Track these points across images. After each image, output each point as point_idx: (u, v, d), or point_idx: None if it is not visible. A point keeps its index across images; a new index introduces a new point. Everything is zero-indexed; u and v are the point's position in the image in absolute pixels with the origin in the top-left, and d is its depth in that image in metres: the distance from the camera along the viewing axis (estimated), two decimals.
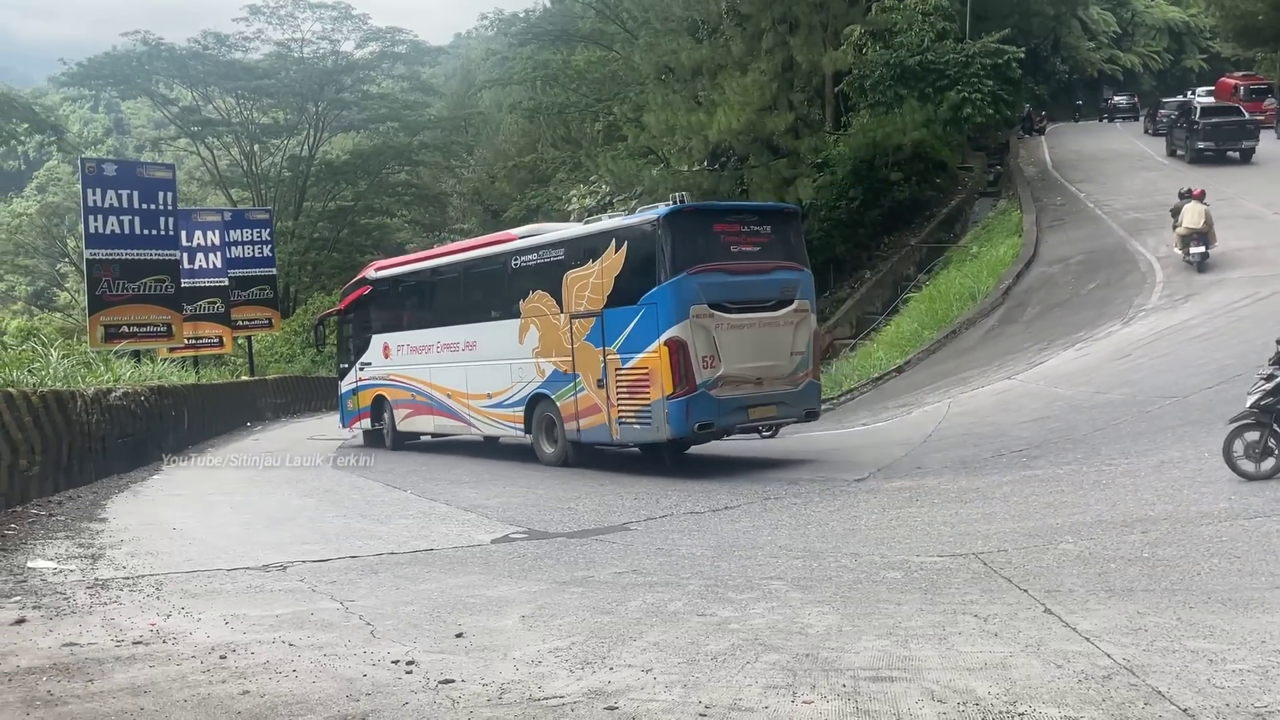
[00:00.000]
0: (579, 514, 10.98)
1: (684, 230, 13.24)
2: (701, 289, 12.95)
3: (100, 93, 73.92)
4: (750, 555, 8.36)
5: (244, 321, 33.16)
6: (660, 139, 32.93)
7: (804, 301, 13.85)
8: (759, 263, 13.58)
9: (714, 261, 13.16)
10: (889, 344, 24.93)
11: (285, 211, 61.86)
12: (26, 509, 11.52)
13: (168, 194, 24.46)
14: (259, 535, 10.28)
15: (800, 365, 13.86)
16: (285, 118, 64.44)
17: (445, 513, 11.47)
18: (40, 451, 12.35)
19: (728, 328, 13.08)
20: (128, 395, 15.78)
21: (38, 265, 69.84)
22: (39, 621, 6.71)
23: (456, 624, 6.48)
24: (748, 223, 13.96)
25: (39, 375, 14.68)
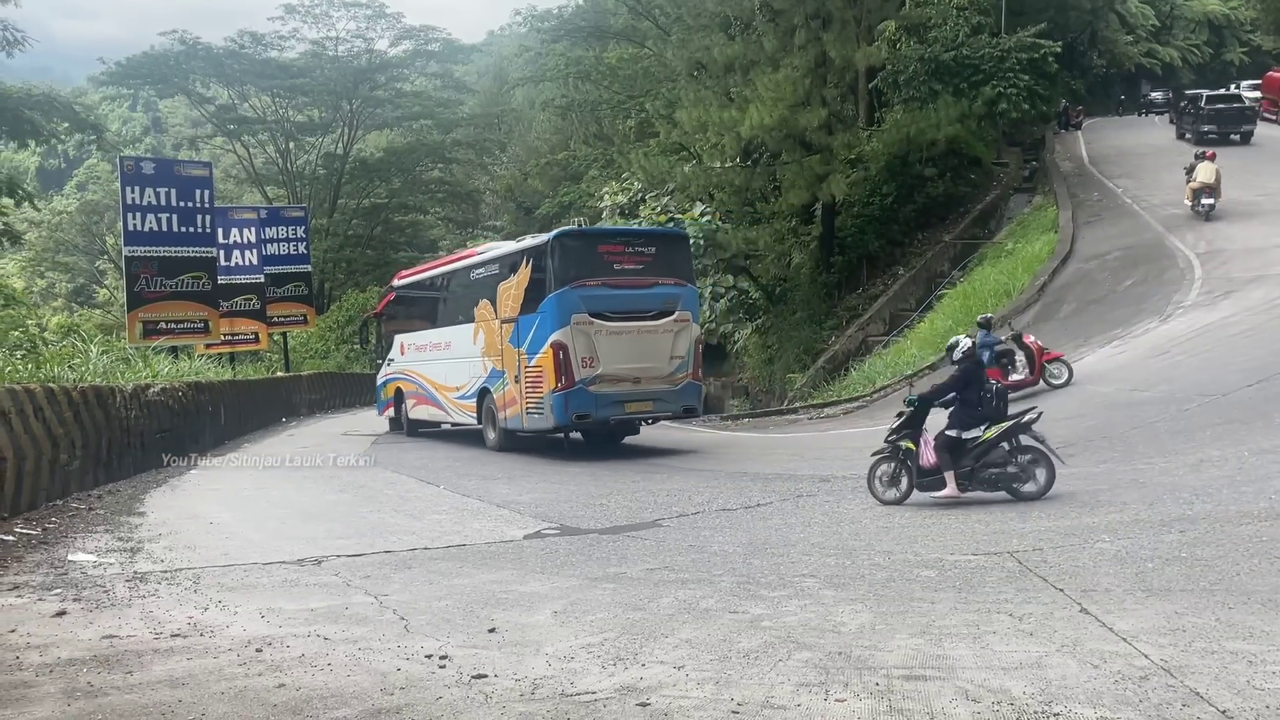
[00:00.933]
0: (610, 510, 11.00)
1: (569, 250, 15.60)
2: (583, 300, 15.29)
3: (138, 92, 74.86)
4: (782, 553, 8.34)
5: (279, 318, 33.46)
6: (692, 135, 32.86)
7: (685, 313, 16.01)
8: (641, 279, 15.75)
9: (596, 277, 15.41)
10: (922, 341, 24.76)
11: (320, 209, 62.41)
12: (67, 503, 11.70)
13: (205, 192, 24.72)
14: (294, 530, 10.39)
15: (680, 368, 15.97)
16: (320, 115, 64.97)
17: (478, 508, 11.53)
18: (80, 446, 12.53)
19: (606, 333, 15.37)
20: (165, 391, 15.98)
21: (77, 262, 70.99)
22: (79, 614, 6.82)
23: (489, 619, 6.52)
24: (633, 244, 16.22)
25: (79, 371, 14.90)
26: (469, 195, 69.62)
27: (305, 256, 34.62)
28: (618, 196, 42.88)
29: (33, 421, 11.08)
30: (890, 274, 31.33)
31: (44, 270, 71.73)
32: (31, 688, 5.29)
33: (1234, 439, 10.81)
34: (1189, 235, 23.83)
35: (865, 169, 32.13)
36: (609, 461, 16.18)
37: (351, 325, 48.31)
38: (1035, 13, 37.05)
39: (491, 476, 14.52)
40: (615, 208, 43.38)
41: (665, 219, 34.20)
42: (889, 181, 32.41)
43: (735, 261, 33.68)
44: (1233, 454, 10.27)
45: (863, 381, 24.27)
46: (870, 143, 31.89)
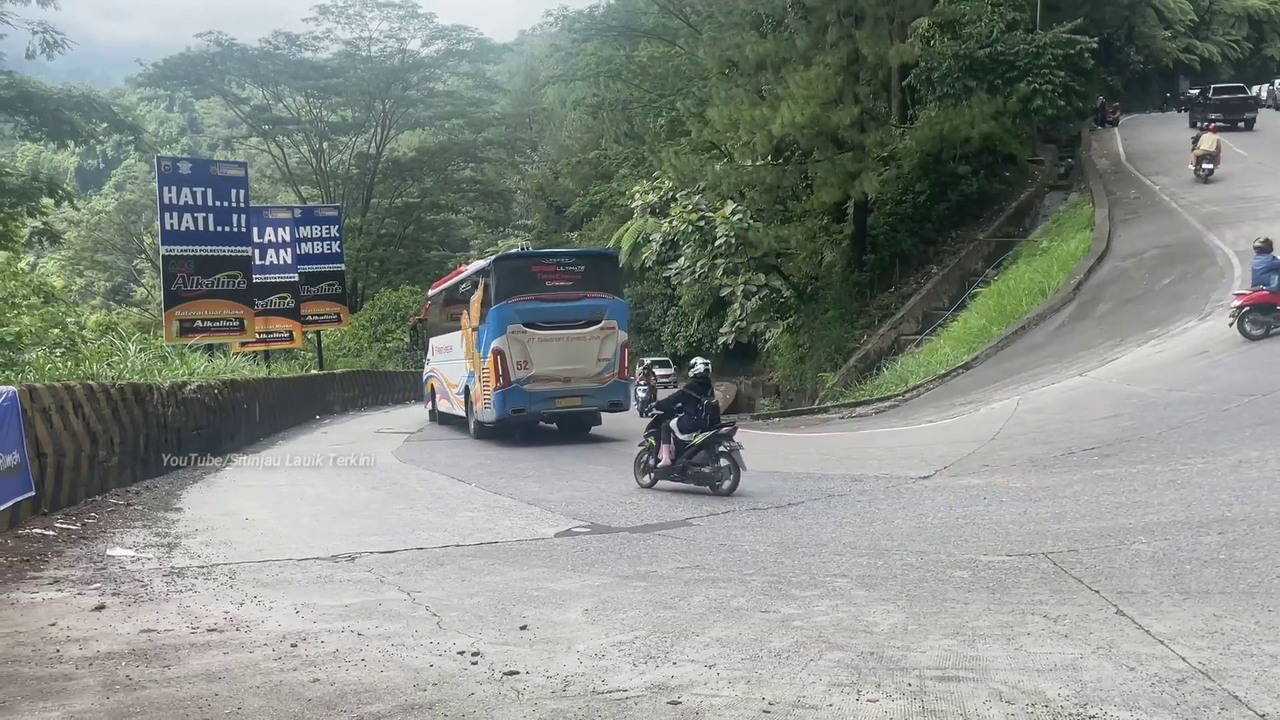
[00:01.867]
0: (641, 509, 11.02)
1: (506, 271, 18.54)
2: (517, 313, 18.00)
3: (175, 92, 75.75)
4: (814, 552, 8.31)
5: (313, 316, 33.74)
6: (724, 134, 32.82)
7: (611, 321, 18.52)
8: (571, 293, 18.42)
9: (529, 293, 18.12)
10: (956, 340, 24.59)
11: (353, 208, 62.92)
12: (106, 499, 11.87)
13: (240, 191, 24.96)
14: (328, 526, 10.48)
15: (606, 369, 18.52)
16: (353, 115, 65.48)
17: (509, 506, 11.58)
18: (119, 443, 12.71)
19: (538, 340, 18.03)
20: (202, 388, 16.17)
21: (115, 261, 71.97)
22: (118, 608, 6.92)
23: (521, 616, 6.55)
24: (563, 264, 18.91)
25: (117, 369, 15.11)
26: (500, 194, 69.96)
27: (339, 255, 34.89)
28: (648, 195, 42.88)
29: (72, 418, 11.26)
30: (923, 272, 31.13)
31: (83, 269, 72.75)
32: (71, 680, 5.38)
33: (1274, 439, 10.65)
34: (1228, 233, 23.49)
35: (898, 167, 31.95)
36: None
37: (384, 324, 48.72)
38: (1071, 8, 36.69)
39: (522, 475, 14.58)
40: (646, 206, 43.40)
41: (696, 217, 34.17)
42: (922, 179, 32.20)
43: (766, 260, 33.62)
44: (1273, 454, 10.12)
45: (895, 381, 24.14)
46: (903, 140, 31.70)
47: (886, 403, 22.54)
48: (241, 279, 24.70)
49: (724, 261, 34.07)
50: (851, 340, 30.40)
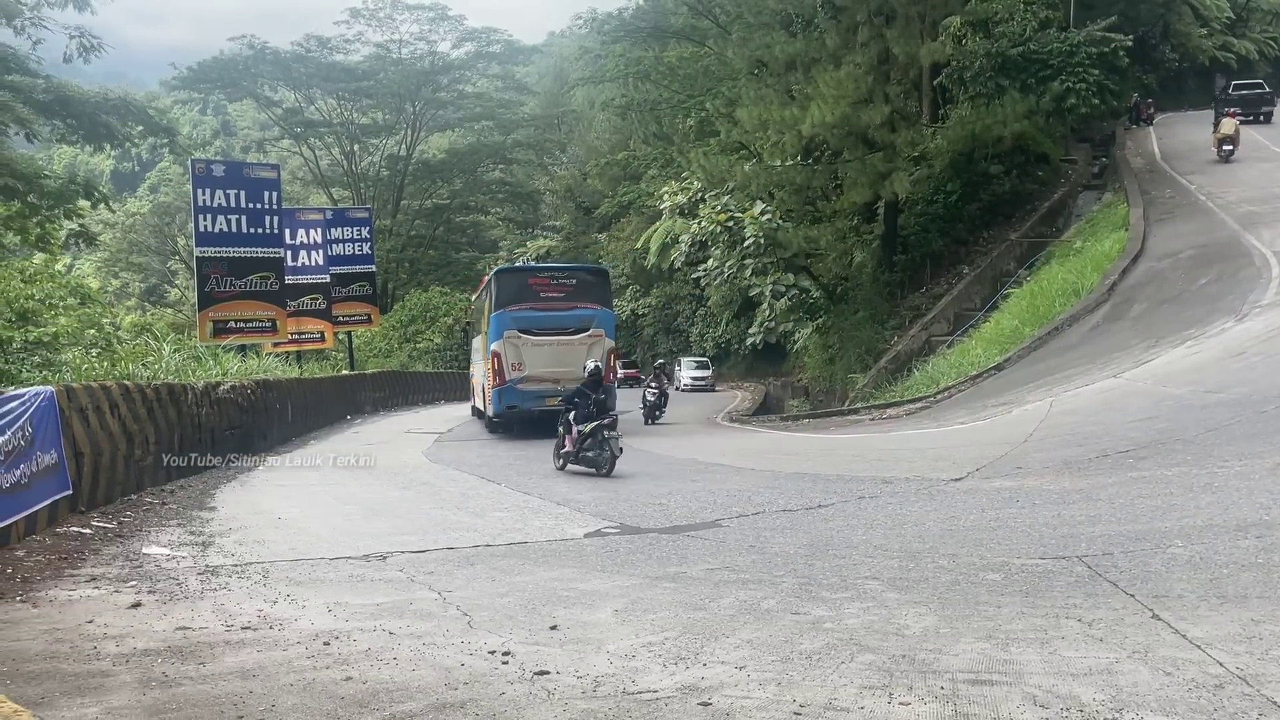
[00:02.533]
0: (670, 510, 11.01)
1: (505, 282, 21.29)
2: (513, 319, 20.47)
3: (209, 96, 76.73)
4: (844, 554, 8.28)
5: (344, 317, 33.99)
6: (753, 134, 32.76)
7: (599, 330, 20.83)
8: (562, 303, 20.87)
9: (524, 302, 20.65)
10: (988, 341, 24.41)
11: (384, 210, 63.37)
12: (141, 497, 12.03)
13: (273, 193, 25.16)
14: (360, 526, 10.56)
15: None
16: (384, 118, 65.98)
17: (539, 506, 11.61)
18: (154, 442, 12.87)
19: (531, 345, 20.42)
20: (235, 388, 16.33)
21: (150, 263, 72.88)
22: (154, 605, 7.01)
23: (551, 616, 6.57)
24: (557, 277, 21.62)
25: (152, 369, 15.31)
26: (529, 195, 70.23)
27: (369, 257, 35.12)
28: (677, 196, 42.93)
29: (108, 418, 11.41)
30: (955, 273, 30.93)
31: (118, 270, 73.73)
32: (109, 677, 5.46)
33: None
34: (1266, 233, 23.18)
35: (929, 166, 31.77)
36: (668, 461, 16.24)
37: (414, 325, 49.02)
38: (1105, 6, 36.35)
39: (552, 475, 14.62)
40: (675, 207, 43.44)
41: (725, 218, 34.14)
42: (954, 179, 32.00)
43: (796, 260, 33.54)
44: None
45: (926, 382, 24.00)
46: (934, 140, 31.51)
47: (917, 404, 22.41)
48: (274, 280, 24.90)
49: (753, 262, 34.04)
50: (882, 341, 30.25)
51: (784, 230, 32.22)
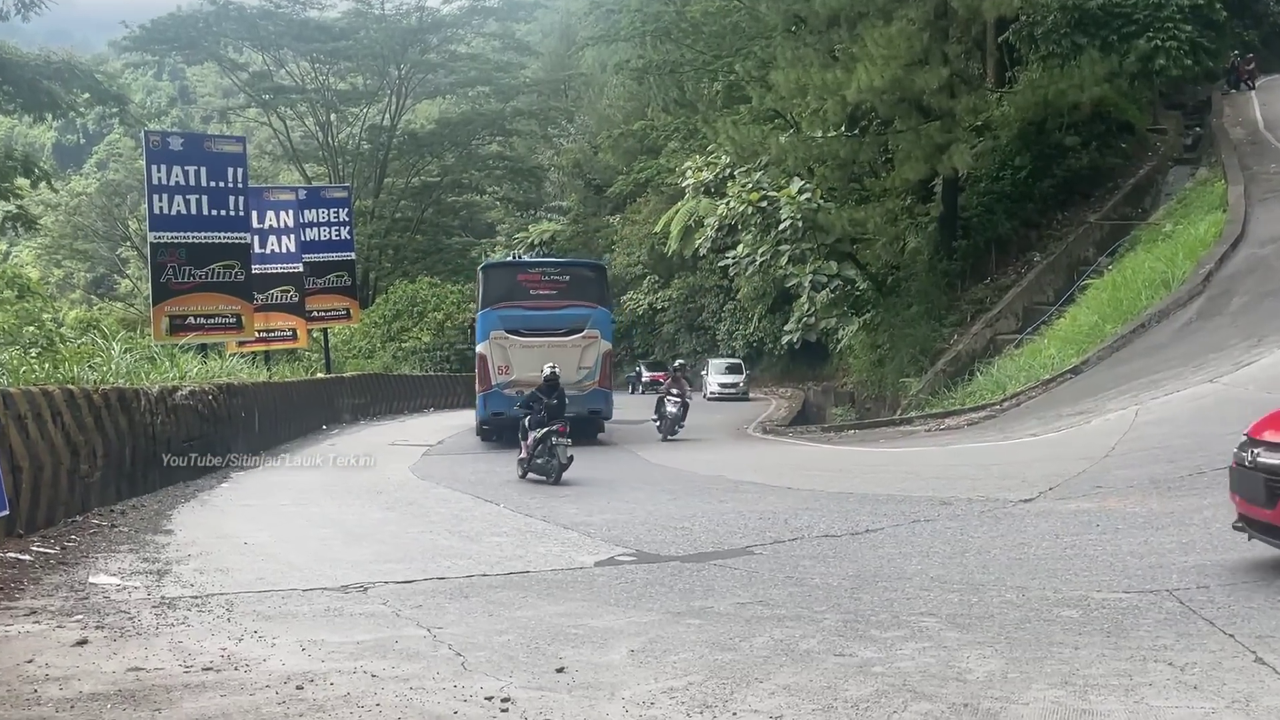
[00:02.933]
0: (694, 535, 11.02)
1: (492, 278, 22.78)
2: (500, 319, 21.86)
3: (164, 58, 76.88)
4: (896, 587, 8.26)
5: (320, 312, 34.10)
6: (789, 100, 32.70)
7: (593, 331, 22.18)
8: (554, 302, 22.09)
9: (513, 301, 22.01)
10: (1062, 340, 24.32)
11: (364, 188, 63.50)
12: (88, 519, 12.10)
13: (238, 170, 25.23)
14: (337, 552, 10.61)
15: (586, 377, 21.93)
16: (364, 83, 66.10)
17: (543, 530, 11.64)
18: (102, 456, 12.94)
19: (520, 347, 21.66)
20: (194, 394, 16.42)
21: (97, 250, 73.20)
22: (102, 643, 7.05)
23: (557, 657, 6.58)
24: (549, 273, 22.92)
25: (100, 371, 15.39)
26: (531, 172, 70.19)
27: (349, 243, 35.24)
28: (702, 172, 42.88)
29: (50, 427, 11.48)
30: (1024, 261, 30.81)
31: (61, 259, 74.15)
32: None
33: None
34: None
35: (994, 137, 31.64)
36: (691, 478, 16.24)
37: (399, 321, 49.15)
38: None
39: (557, 494, 14.65)
40: (699, 185, 43.38)
41: (758, 197, 34.09)
42: (1022, 152, 31.87)
43: (840, 247, 33.46)
44: None
45: (990, 387, 23.94)
46: (1000, 107, 31.39)
47: (981, 413, 22.36)
48: (239, 270, 24.98)
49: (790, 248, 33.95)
50: (939, 340, 30.17)
51: (825, 211, 32.11)
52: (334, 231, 34.43)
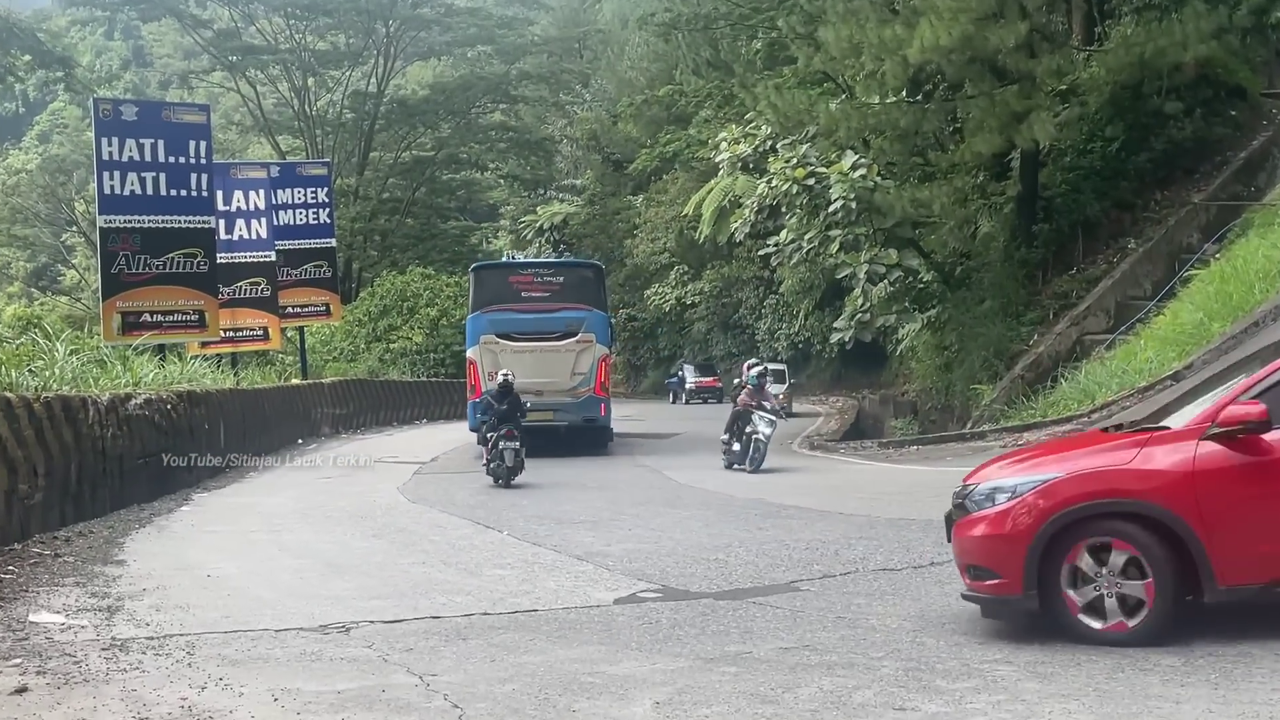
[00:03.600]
0: (730, 567, 11.00)
1: (482, 280, 25.20)
2: (490, 323, 24.07)
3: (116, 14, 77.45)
4: (966, 629, 8.24)
5: (295, 308, 34.21)
6: (841, 61, 32.57)
7: (588, 335, 24.21)
8: (547, 305, 24.27)
9: (503, 304, 24.28)
10: (1162, 340, 24.14)
11: (347, 165, 63.67)
12: (27, 547, 12.17)
13: (201, 143, 25.34)
14: (315, 586, 10.66)
15: (581, 383, 24.02)
16: (347, 42, 66.26)
17: (553, 561, 11.65)
18: (44, 474, 13.01)
19: (511, 351, 23.49)
20: (151, 403, 16.50)
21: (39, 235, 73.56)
22: (44, 691, 7.08)
23: (570, 710, 6.58)
24: (542, 275, 25.45)
25: (42, 377, 15.44)
26: (540, 145, 70.19)
27: (329, 227, 35.34)
28: (738, 146, 42.82)
29: None
30: (1116, 248, 30.62)
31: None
32: None
33: None
34: None
35: (1081, 103, 31.45)
36: (725, 502, 16.21)
37: (387, 319, 49.25)
38: None
39: (570, 520, 14.65)
40: (736, 160, 43.36)
41: (804, 174, 34.02)
42: (1115, 120, 31.68)
43: (900, 231, 33.31)
44: None
45: (1077, 396, 23.79)
46: (1089, 68, 31.20)
47: (1065, 426, 22.22)
48: (202, 259, 25.08)
49: (841, 233, 33.82)
50: (1016, 340, 29.99)
51: (883, 191, 31.98)
52: (312, 214, 34.53)
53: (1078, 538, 7.59)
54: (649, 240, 59.20)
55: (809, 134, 34.08)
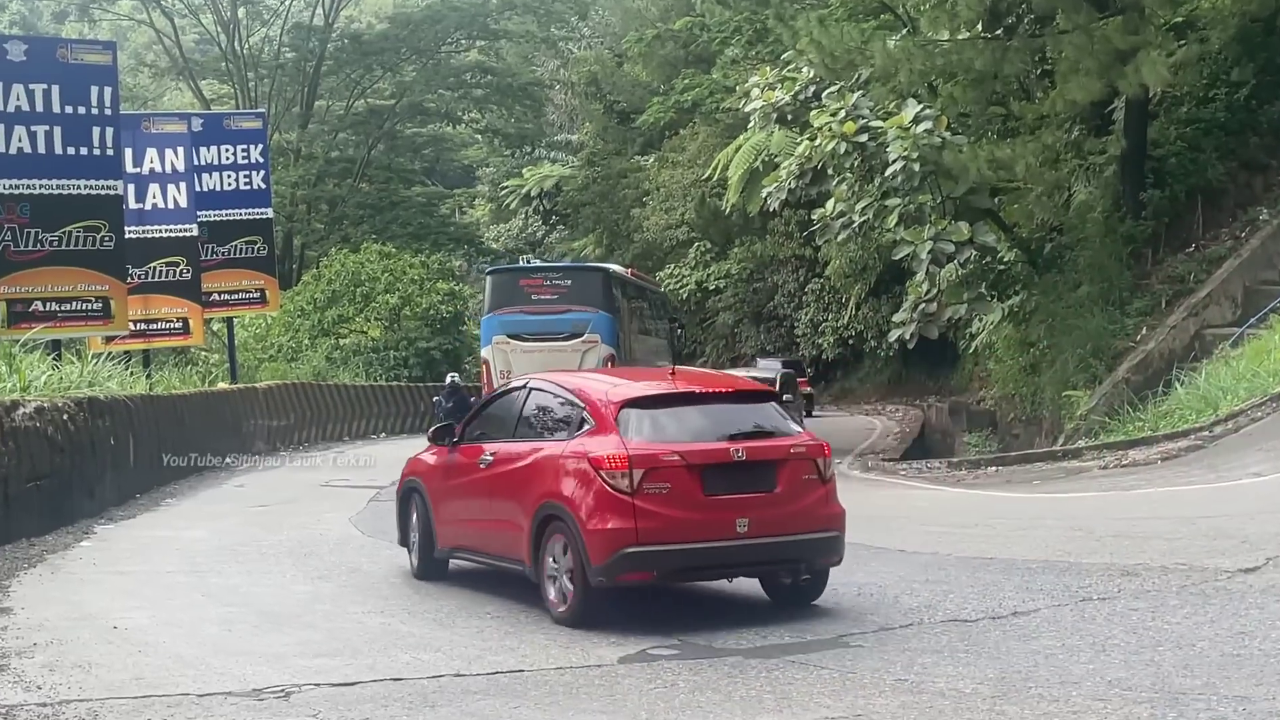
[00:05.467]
0: (764, 617, 11.00)
1: (496, 284, 32.03)
2: (501, 324, 30.31)
3: None
4: (1057, 695, 8.23)
5: (222, 295, 34.25)
6: None
7: (594, 336, 29.92)
8: (556, 306, 30.44)
9: (515, 306, 30.59)
10: None
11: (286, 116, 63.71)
12: None
13: (105, 90, 25.34)
14: (247, 640, 10.65)
15: None
16: None
17: (542, 609, 11.64)
18: None
19: (521, 351, 29.27)
20: (43, 413, 16.50)
21: None
22: None
23: None
24: (551, 278, 32.04)
25: None
26: (527, 92, 70.15)
27: (264, 194, 35.36)
28: (774, 93, 42.74)
29: None
30: (1245, 221, 30.59)
31: None
32: None
33: None
34: None
35: (1201, 40, 31.43)
36: None
37: (337, 307, 49.26)
38: None
39: None
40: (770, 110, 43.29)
41: (854, 129, 34.01)
42: (1243, 62, 31.65)
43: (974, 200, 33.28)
44: None
45: (1196, 404, 23.77)
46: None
47: (1181, 441, 22.23)
48: (106, 233, 25.07)
49: (901, 203, 33.80)
50: (1120, 336, 29.96)
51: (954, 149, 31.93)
52: (243, 178, 34.56)
53: None
54: (662, 210, 59.01)
55: (862, 79, 34.05)
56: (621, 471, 10.96)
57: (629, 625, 10.81)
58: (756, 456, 11.38)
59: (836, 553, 11.53)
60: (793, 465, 11.42)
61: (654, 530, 10.82)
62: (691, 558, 11.12)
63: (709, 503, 11.06)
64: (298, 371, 44.24)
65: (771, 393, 14.38)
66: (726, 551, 11.12)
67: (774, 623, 10.82)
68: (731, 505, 11.10)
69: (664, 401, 11.82)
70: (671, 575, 11.51)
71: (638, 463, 10.94)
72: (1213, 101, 31.73)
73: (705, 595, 12.14)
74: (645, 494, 10.90)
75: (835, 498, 11.78)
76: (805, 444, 11.65)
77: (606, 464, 11.04)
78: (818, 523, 11.37)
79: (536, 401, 12.81)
